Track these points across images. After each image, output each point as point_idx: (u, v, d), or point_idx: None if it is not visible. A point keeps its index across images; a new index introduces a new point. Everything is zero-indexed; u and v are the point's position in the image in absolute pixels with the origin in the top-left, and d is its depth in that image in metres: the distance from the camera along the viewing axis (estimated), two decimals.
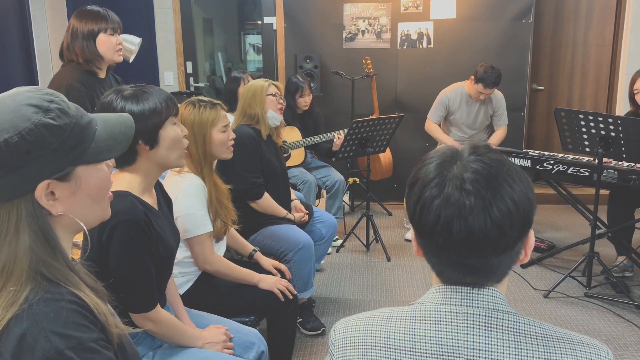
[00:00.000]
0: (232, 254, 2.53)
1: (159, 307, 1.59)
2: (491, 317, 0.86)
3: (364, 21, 4.80)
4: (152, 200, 1.63)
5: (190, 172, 2.05)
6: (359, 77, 4.54)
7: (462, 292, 0.88)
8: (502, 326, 0.86)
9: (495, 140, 4.08)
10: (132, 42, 2.73)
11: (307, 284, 2.64)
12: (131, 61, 2.76)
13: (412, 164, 1.03)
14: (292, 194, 3.00)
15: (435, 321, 0.87)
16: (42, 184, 0.88)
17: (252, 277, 2.15)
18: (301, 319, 2.82)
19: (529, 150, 3.89)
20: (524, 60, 4.73)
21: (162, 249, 1.58)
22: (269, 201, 2.73)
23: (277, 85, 2.81)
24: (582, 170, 3.28)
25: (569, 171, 3.33)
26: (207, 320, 1.87)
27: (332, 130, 3.96)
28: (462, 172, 0.84)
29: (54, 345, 0.82)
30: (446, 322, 0.87)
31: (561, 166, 3.36)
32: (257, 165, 2.70)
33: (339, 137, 3.81)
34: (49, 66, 4.27)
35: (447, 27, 4.72)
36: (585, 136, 3.07)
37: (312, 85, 4.11)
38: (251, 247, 2.41)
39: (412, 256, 3.85)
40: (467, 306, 0.87)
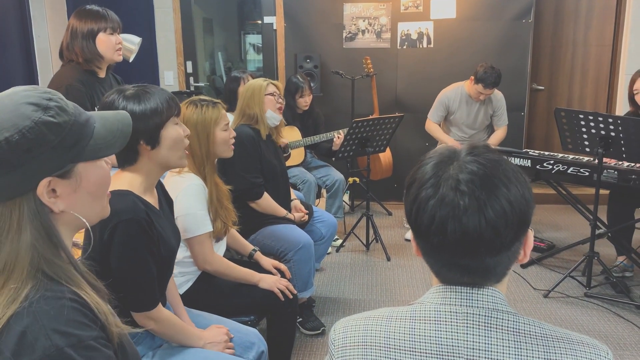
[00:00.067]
0: (232, 254, 2.53)
1: (160, 306, 1.59)
2: (491, 317, 0.86)
3: (364, 21, 4.80)
4: (154, 199, 1.63)
5: (190, 172, 2.05)
6: (359, 77, 4.54)
7: (461, 292, 0.88)
8: (502, 326, 0.86)
9: (495, 140, 4.08)
10: (132, 42, 2.72)
11: (307, 283, 2.64)
12: (131, 61, 2.76)
13: (412, 163, 1.03)
14: (292, 193, 3.00)
15: (435, 321, 0.87)
16: (44, 182, 0.88)
17: (252, 277, 2.15)
18: (301, 319, 2.82)
19: (529, 150, 3.89)
20: (524, 60, 4.73)
21: (163, 249, 1.58)
22: (268, 201, 2.73)
23: (276, 84, 2.80)
24: (582, 170, 3.28)
25: (569, 171, 3.33)
26: (207, 320, 1.87)
27: (332, 129, 3.96)
28: (458, 173, 0.84)
29: (54, 343, 0.82)
30: (446, 322, 0.87)
31: (561, 166, 3.36)
32: (256, 165, 2.69)
33: (338, 137, 3.81)
34: (49, 66, 4.27)
35: (447, 27, 4.72)
36: (585, 136, 3.07)
37: (312, 85, 4.11)
38: (251, 247, 2.41)
39: (412, 256, 3.85)
40: (467, 306, 0.87)
